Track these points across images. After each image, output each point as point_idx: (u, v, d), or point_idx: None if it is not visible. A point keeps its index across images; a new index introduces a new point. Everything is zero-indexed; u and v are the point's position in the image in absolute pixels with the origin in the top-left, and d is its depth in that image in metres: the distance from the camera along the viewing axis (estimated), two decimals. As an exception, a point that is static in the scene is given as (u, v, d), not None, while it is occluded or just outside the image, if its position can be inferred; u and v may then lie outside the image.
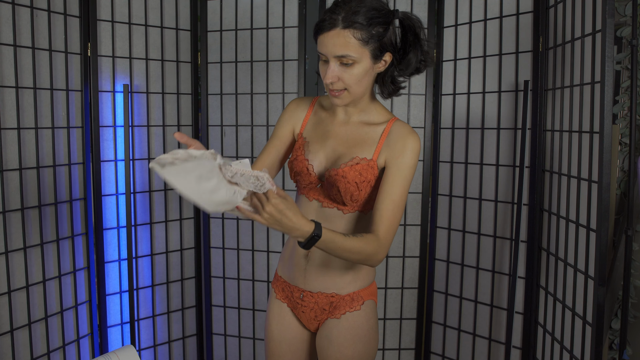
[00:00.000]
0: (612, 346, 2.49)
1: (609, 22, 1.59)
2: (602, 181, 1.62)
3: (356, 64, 1.22)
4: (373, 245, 1.23)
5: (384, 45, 1.23)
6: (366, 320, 1.41)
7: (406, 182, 1.28)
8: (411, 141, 1.28)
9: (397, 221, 1.27)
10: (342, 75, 1.23)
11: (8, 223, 1.89)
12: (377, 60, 1.25)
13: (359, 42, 1.19)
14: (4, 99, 1.86)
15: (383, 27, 1.21)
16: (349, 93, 1.27)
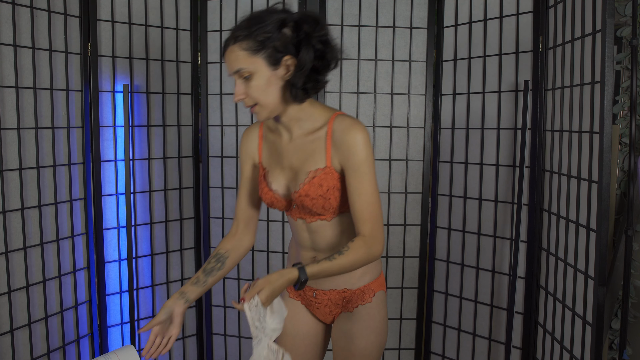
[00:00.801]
0: (612, 346, 2.49)
1: (609, 22, 1.59)
2: (602, 181, 1.62)
3: (254, 75, 1.19)
4: (363, 249, 1.24)
5: (278, 50, 1.18)
6: (377, 312, 1.45)
7: (368, 176, 1.24)
8: (353, 136, 1.23)
9: (377, 214, 1.26)
10: (247, 91, 1.21)
11: (8, 223, 1.89)
12: (277, 66, 1.19)
13: (247, 53, 1.17)
14: (4, 99, 1.86)
15: (270, 32, 1.17)
16: (261, 106, 1.24)
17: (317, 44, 1.19)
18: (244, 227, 1.48)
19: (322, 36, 1.20)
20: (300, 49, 1.19)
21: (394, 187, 2.36)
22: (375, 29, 2.30)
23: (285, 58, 1.19)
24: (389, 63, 2.31)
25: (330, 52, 1.23)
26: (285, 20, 1.18)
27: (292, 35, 1.19)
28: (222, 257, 1.43)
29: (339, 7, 2.29)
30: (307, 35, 1.18)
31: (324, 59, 1.22)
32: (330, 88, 2.31)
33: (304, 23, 1.19)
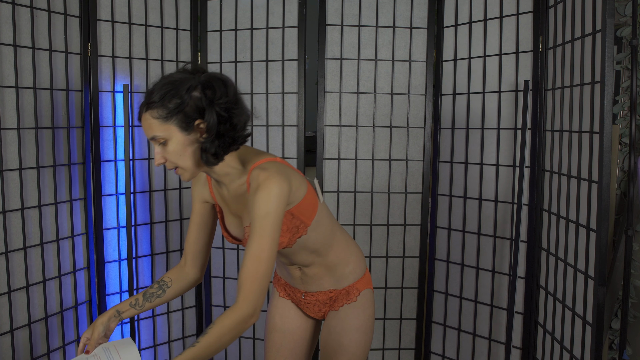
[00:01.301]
0: (612, 346, 2.49)
1: (609, 22, 1.59)
2: (602, 181, 1.62)
3: (169, 141, 1.18)
4: (229, 319, 1.17)
5: (188, 115, 1.16)
6: (363, 311, 1.51)
7: (265, 231, 1.19)
8: (260, 191, 1.21)
9: (261, 274, 1.19)
10: (165, 155, 1.21)
11: (8, 223, 1.89)
12: (190, 131, 1.18)
13: (159, 121, 1.16)
14: (4, 99, 1.86)
15: (180, 98, 1.16)
16: (182, 169, 1.23)
17: (220, 110, 1.18)
18: (190, 261, 1.48)
19: (224, 104, 1.18)
20: (205, 113, 1.18)
21: (394, 187, 2.36)
22: (375, 29, 2.30)
23: (197, 122, 1.18)
24: (389, 63, 2.31)
25: (236, 117, 1.21)
26: (194, 84, 1.17)
27: (200, 98, 1.18)
28: (165, 284, 1.45)
29: (339, 7, 2.29)
30: (210, 102, 1.17)
31: (231, 123, 1.20)
32: (330, 88, 2.32)
33: (207, 88, 1.18)
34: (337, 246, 1.47)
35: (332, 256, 1.46)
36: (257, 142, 2.38)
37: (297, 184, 1.30)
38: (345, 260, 1.49)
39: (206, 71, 1.23)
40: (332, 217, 1.48)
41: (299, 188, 1.31)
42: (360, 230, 2.38)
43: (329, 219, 1.45)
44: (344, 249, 1.49)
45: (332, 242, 1.46)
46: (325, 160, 2.34)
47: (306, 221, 1.35)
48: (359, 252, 1.55)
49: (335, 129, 2.34)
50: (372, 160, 2.35)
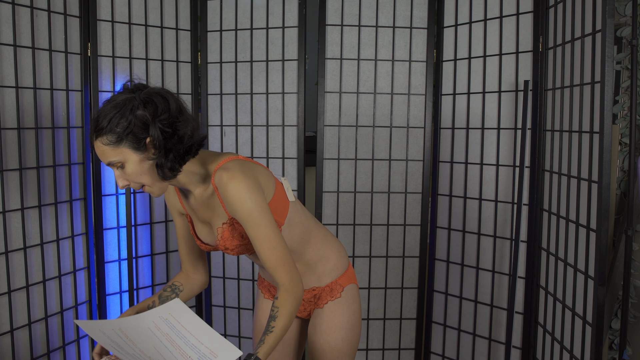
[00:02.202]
0: (612, 346, 2.49)
1: (609, 22, 1.59)
2: (602, 181, 1.62)
3: (126, 164, 1.18)
4: (289, 300, 1.25)
5: (137, 135, 1.16)
6: (347, 307, 1.50)
7: (261, 223, 1.23)
8: (230, 192, 1.22)
9: (285, 256, 1.26)
10: (126, 177, 1.21)
11: (8, 223, 1.89)
12: (142, 149, 1.17)
13: (110, 147, 1.16)
14: (4, 99, 1.86)
15: (126, 119, 1.14)
16: (149, 187, 1.23)
17: (163, 126, 1.17)
18: (192, 269, 1.51)
19: (166, 119, 1.17)
20: (149, 130, 1.17)
21: (394, 187, 2.36)
22: (375, 29, 2.30)
23: (148, 140, 1.17)
24: (389, 63, 2.31)
25: (181, 129, 1.19)
26: (135, 103, 1.16)
27: (145, 115, 1.17)
28: (177, 288, 1.49)
29: (339, 7, 2.29)
30: (152, 118, 1.17)
31: (177, 136, 1.19)
32: (330, 88, 2.32)
33: (148, 105, 1.17)
34: (314, 243, 1.46)
35: (310, 254, 1.45)
36: (257, 142, 2.38)
37: (264, 180, 1.31)
38: (325, 257, 1.48)
39: (147, 87, 1.22)
40: (306, 214, 1.47)
41: (267, 184, 1.31)
42: (360, 230, 2.38)
43: (303, 217, 1.44)
44: (322, 246, 1.48)
45: (309, 240, 1.45)
46: (325, 160, 2.34)
47: (279, 220, 1.35)
48: (339, 248, 1.53)
49: (335, 129, 2.34)
50: (372, 160, 2.35)
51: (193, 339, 1.20)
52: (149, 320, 1.24)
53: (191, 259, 1.50)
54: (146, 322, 1.23)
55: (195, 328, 1.22)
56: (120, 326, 1.22)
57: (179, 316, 1.24)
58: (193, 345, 1.19)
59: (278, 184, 1.38)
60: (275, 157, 2.37)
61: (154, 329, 1.23)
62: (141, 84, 1.23)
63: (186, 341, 1.20)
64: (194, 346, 1.19)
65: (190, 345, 1.19)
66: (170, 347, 1.19)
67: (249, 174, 1.24)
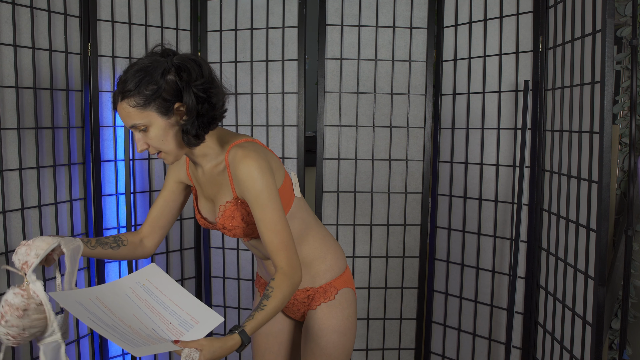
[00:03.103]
0: (612, 346, 2.49)
1: (609, 22, 1.59)
2: (602, 181, 1.62)
3: (150, 128, 1.19)
4: (285, 284, 1.23)
5: (166, 100, 1.17)
6: (341, 310, 1.46)
7: (269, 205, 1.23)
8: (243, 169, 1.23)
9: (288, 241, 1.25)
10: (147, 141, 1.21)
11: (8, 223, 1.89)
12: (170, 115, 1.19)
13: (136, 109, 1.16)
14: (4, 99, 1.86)
15: (156, 83, 1.16)
16: (165, 153, 1.24)
17: (198, 91, 1.19)
18: (149, 232, 1.46)
19: (201, 85, 1.19)
20: (183, 96, 1.18)
21: (394, 187, 2.36)
22: (375, 29, 2.30)
23: (176, 105, 1.19)
24: (389, 63, 2.31)
25: (214, 96, 1.22)
26: (167, 67, 1.18)
27: (176, 80, 1.18)
28: (121, 241, 1.41)
29: (339, 7, 2.29)
30: (187, 84, 1.18)
31: (209, 103, 1.21)
32: (330, 88, 2.32)
33: (182, 71, 1.18)
34: (312, 241, 1.44)
35: (306, 251, 1.44)
36: (257, 142, 2.38)
37: (276, 167, 1.31)
38: (321, 257, 1.46)
39: (177, 53, 1.23)
40: (309, 211, 1.46)
41: (277, 172, 1.32)
42: (360, 230, 2.38)
43: (305, 213, 1.43)
44: (319, 245, 1.46)
45: (307, 237, 1.43)
46: (325, 160, 2.34)
47: None
48: (337, 249, 1.51)
49: (335, 129, 2.34)
50: (372, 160, 2.35)
51: (173, 304, 1.18)
52: (127, 286, 1.21)
53: (156, 224, 1.45)
54: (123, 289, 1.21)
55: (174, 294, 1.20)
56: (97, 294, 1.19)
57: (156, 281, 1.22)
58: (173, 311, 1.17)
59: (287, 176, 1.38)
60: (275, 157, 2.37)
61: (131, 295, 1.20)
62: (170, 49, 1.24)
63: (165, 307, 1.18)
64: (174, 312, 1.17)
65: (170, 312, 1.17)
66: (150, 313, 1.17)
67: (262, 156, 1.25)
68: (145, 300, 1.19)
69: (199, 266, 2.50)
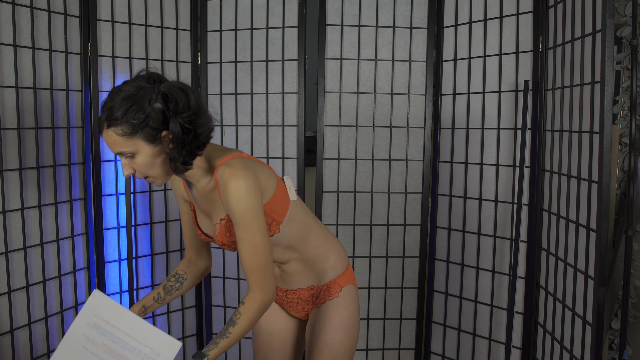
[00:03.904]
0: (612, 346, 2.49)
1: (609, 22, 1.59)
2: (602, 181, 1.62)
3: (137, 155, 1.18)
4: (254, 307, 1.25)
5: (154, 128, 1.16)
6: (345, 307, 1.48)
7: (251, 226, 1.23)
8: (230, 190, 1.21)
9: (264, 263, 1.26)
10: (134, 166, 1.21)
11: (8, 223, 1.89)
12: (157, 142, 1.18)
13: (123, 138, 1.15)
14: (4, 99, 1.86)
15: (143, 112, 1.14)
16: (153, 177, 1.24)
17: (184, 122, 1.17)
18: (195, 256, 1.52)
19: (188, 116, 1.18)
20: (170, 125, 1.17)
21: (394, 187, 2.36)
22: (375, 29, 2.30)
23: (163, 134, 1.18)
24: (389, 63, 2.31)
25: (200, 127, 1.20)
26: (154, 95, 1.16)
27: (163, 109, 1.17)
28: (180, 277, 1.49)
29: (339, 7, 2.29)
30: (174, 114, 1.17)
31: (195, 134, 1.20)
32: (330, 88, 2.32)
33: (169, 101, 1.17)
34: (314, 241, 1.45)
35: (309, 251, 1.45)
36: (257, 142, 2.38)
37: (265, 178, 1.31)
38: (324, 255, 1.48)
39: (164, 79, 1.22)
40: (307, 212, 1.46)
41: (267, 182, 1.31)
42: (360, 230, 2.38)
43: (303, 215, 1.43)
44: (322, 244, 1.47)
45: (308, 237, 1.44)
46: (325, 160, 2.34)
47: (278, 218, 1.35)
48: (339, 247, 1.53)
49: (335, 129, 2.34)
50: (372, 160, 2.35)
51: (130, 339, 1.17)
52: (79, 335, 1.19)
53: (195, 245, 1.50)
54: (79, 341, 1.19)
55: (127, 324, 1.19)
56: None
57: (105, 314, 1.20)
58: (132, 347, 1.17)
59: (280, 182, 1.37)
60: (275, 157, 2.37)
61: (88, 345, 1.19)
62: (157, 74, 1.23)
63: (124, 344, 1.17)
64: (134, 348, 1.16)
65: (129, 349, 1.17)
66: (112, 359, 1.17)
67: (250, 173, 1.24)
68: (102, 344, 1.19)
69: (199, 266, 2.50)
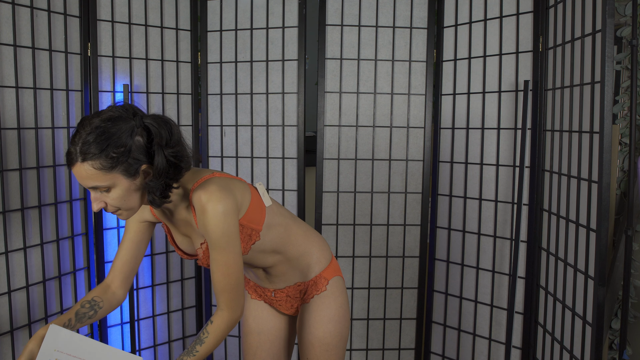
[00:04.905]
0: (612, 346, 2.49)
1: (609, 22, 1.59)
2: (602, 181, 1.62)
3: (112, 189, 1.15)
4: (222, 326, 1.27)
5: (132, 162, 1.13)
6: (334, 300, 1.50)
7: (224, 249, 1.23)
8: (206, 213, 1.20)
9: (235, 284, 1.26)
10: (106, 200, 1.17)
11: (8, 223, 1.89)
12: (135, 176, 1.15)
13: (101, 172, 1.11)
14: (4, 99, 1.86)
15: (122, 146, 1.11)
16: (124, 211, 1.20)
17: (169, 156, 1.16)
18: (120, 281, 1.42)
19: (173, 150, 1.17)
20: (153, 158, 1.15)
21: (394, 187, 2.36)
22: (375, 29, 2.30)
23: (143, 167, 1.16)
24: (389, 63, 2.31)
25: (184, 161, 1.19)
26: (135, 128, 1.14)
27: (145, 142, 1.15)
28: (96, 305, 1.38)
29: (339, 7, 2.29)
30: (159, 147, 1.15)
31: (177, 167, 1.19)
32: (330, 88, 2.32)
33: (154, 135, 1.15)
34: (295, 240, 1.46)
35: (291, 250, 1.46)
36: (257, 142, 2.38)
37: (241, 195, 1.29)
38: (307, 252, 1.49)
39: (140, 111, 1.19)
40: (283, 213, 1.46)
41: (243, 198, 1.30)
42: (360, 230, 2.38)
43: (280, 218, 1.43)
44: (303, 241, 1.48)
45: (289, 238, 1.45)
46: (325, 160, 2.34)
47: (257, 227, 1.35)
48: (320, 241, 1.53)
49: (335, 129, 2.34)
50: (372, 160, 2.35)
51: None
52: None
53: (124, 270, 1.41)
54: None
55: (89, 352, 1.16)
56: None
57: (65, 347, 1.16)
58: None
59: (253, 191, 1.36)
60: (275, 157, 2.37)
61: None
62: (133, 105, 1.20)
63: None
64: None
65: None
66: None
67: (227, 194, 1.22)
68: None
69: (199, 266, 2.50)
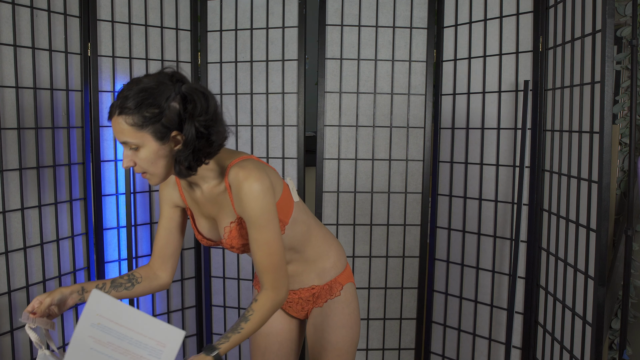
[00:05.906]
0: (612, 346, 2.49)
1: (609, 22, 1.59)
2: (602, 181, 1.62)
3: (141, 148, 1.15)
4: (267, 305, 1.26)
5: (165, 126, 1.13)
6: (347, 305, 1.50)
7: (266, 227, 1.23)
8: (245, 190, 1.20)
9: (278, 263, 1.26)
10: (135, 159, 1.17)
11: (8, 223, 1.89)
12: (165, 141, 1.15)
13: (132, 128, 1.12)
14: (4, 99, 1.86)
15: (158, 108, 1.12)
16: (151, 174, 1.20)
17: (199, 126, 1.15)
18: (160, 264, 1.43)
19: (205, 121, 1.16)
20: (184, 127, 1.15)
21: (394, 187, 2.36)
22: (375, 29, 2.30)
23: (174, 134, 1.16)
24: (389, 63, 2.32)
25: (214, 135, 1.19)
26: (173, 94, 1.14)
27: (179, 109, 1.15)
28: (135, 279, 1.39)
29: (339, 7, 2.29)
30: (191, 116, 1.15)
31: (208, 140, 1.18)
32: (330, 88, 2.32)
33: (188, 102, 1.15)
34: (315, 241, 1.46)
35: (310, 251, 1.46)
36: (257, 142, 2.38)
37: (275, 181, 1.31)
38: (325, 254, 1.49)
39: (186, 80, 1.19)
40: (308, 213, 1.47)
41: (276, 184, 1.31)
42: (360, 230, 2.38)
43: (305, 216, 1.43)
44: (322, 243, 1.48)
45: (310, 238, 1.45)
46: (325, 160, 2.34)
47: (284, 220, 1.35)
48: (338, 246, 1.54)
49: (335, 129, 2.34)
50: (372, 160, 2.35)
51: (135, 334, 1.17)
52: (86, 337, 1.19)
53: (164, 253, 1.42)
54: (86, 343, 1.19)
55: (130, 319, 1.18)
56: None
57: (107, 313, 1.19)
58: (139, 342, 1.16)
59: (285, 184, 1.38)
60: (275, 157, 2.37)
61: (96, 345, 1.18)
62: (180, 74, 1.20)
63: (130, 340, 1.17)
64: (140, 343, 1.16)
65: (136, 344, 1.16)
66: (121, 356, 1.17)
67: (264, 174, 1.23)
68: (110, 342, 1.18)
69: (199, 266, 2.50)
